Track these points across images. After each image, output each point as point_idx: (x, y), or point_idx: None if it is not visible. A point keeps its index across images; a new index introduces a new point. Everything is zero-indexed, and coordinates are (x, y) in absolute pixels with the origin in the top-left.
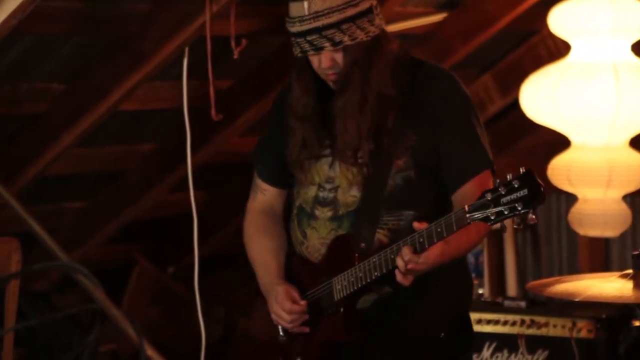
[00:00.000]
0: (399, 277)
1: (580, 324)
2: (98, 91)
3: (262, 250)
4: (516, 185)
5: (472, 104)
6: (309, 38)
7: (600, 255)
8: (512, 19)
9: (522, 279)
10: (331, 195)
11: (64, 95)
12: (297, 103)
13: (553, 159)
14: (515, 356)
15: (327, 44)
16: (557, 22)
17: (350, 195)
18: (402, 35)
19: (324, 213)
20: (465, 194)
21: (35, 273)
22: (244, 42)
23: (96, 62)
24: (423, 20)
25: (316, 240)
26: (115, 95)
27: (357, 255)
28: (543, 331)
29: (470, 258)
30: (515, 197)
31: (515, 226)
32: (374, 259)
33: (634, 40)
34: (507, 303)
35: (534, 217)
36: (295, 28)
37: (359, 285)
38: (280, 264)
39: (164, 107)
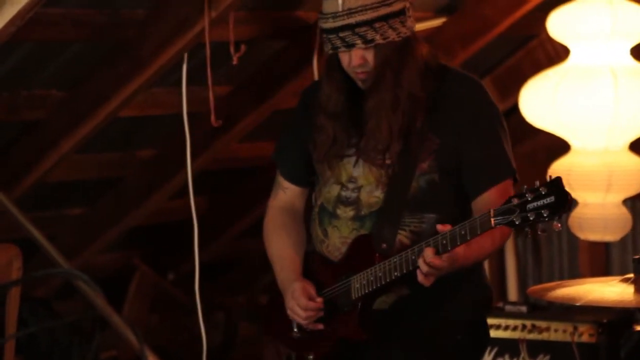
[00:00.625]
0: (420, 277)
1: (582, 328)
2: (97, 98)
3: (281, 246)
4: (543, 192)
5: (498, 111)
6: (341, 34)
7: (601, 260)
8: (510, 23)
9: (523, 284)
10: (354, 195)
11: (63, 102)
12: (327, 100)
13: (553, 163)
14: None
15: (359, 42)
16: (556, 26)
17: (374, 195)
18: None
19: (346, 212)
20: (486, 201)
21: (35, 280)
22: (242, 48)
23: (95, 69)
24: (422, 24)
25: (337, 240)
26: (115, 101)
27: (377, 255)
28: (544, 336)
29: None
30: (541, 203)
31: (539, 232)
32: (395, 259)
33: (633, 44)
34: (508, 308)
35: (559, 225)
36: (328, 24)
37: (378, 285)
38: (298, 260)
39: (163, 114)
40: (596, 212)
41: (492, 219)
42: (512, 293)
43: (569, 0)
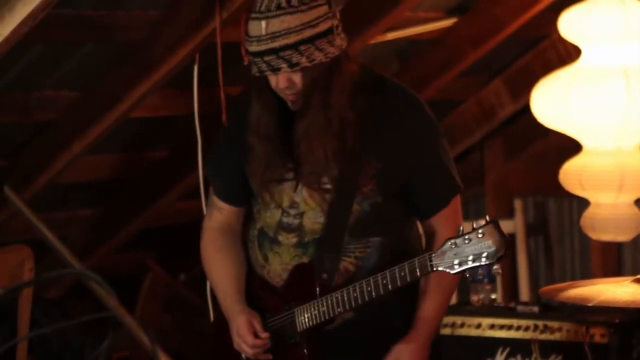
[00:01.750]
0: None
1: (594, 328)
2: (109, 98)
3: (222, 274)
4: (480, 236)
5: (436, 126)
6: (266, 58)
7: (613, 260)
8: (522, 23)
9: (534, 284)
10: (296, 221)
11: (75, 103)
12: (258, 122)
13: (565, 163)
14: None
15: (284, 65)
16: (567, 26)
17: (317, 222)
18: (412, 40)
19: (288, 239)
20: (436, 223)
21: (48, 281)
22: None
23: (107, 70)
24: (433, 25)
25: (278, 266)
26: (126, 102)
27: (318, 286)
28: (556, 336)
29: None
30: (479, 247)
31: (479, 277)
32: (337, 295)
33: None
34: (520, 308)
35: (498, 269)
36: (252, 47)
37: (322, 320)
38: (240, 289)
39: (174, 114)
40: (608, 212)
41: (431, 263)
42: (524, 293)
43: (581, 0)
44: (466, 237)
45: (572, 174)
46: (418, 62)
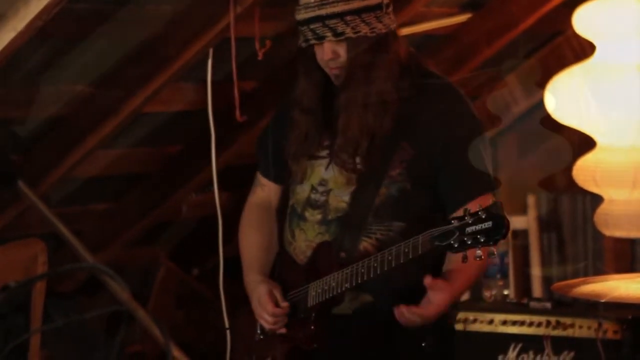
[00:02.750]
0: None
1: (606, 325)
2: (123, 93)
3: (250, 246)
4: (483, 217)
5: (479, 125)
6: (312, 26)
7: (626, 256)
8: (536, 19)
9: (547, 280)
10: (322, 198)
11: (89, 98)
12: (302, 95)
13: (579, 160)
14: (541, 357)
15: (329, 34)
16: (582, 22)
17: (342, 200)
18: (427, 35)
19: (313, 216)
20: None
21: (61, 275)
22: (268, 43)
23: (121, 64)
24: (447, 20)
25: (303, 243)
26: (140, 97)
27: (335, 264)
28: (569, 332)
29: (496, 259)
30: (479, 228)
31: (475, 258)
32: (347, 271)
33: None
34: (532, 304)
35: (494, 251)
36: (300, 15)
37: (331, 295)
38: (266, 261)
39: (188, 109)
40: (622, 208)
41: (432, 240)
42: (537, 289)
43: None
44: (468, 217)
45: (585, 171)
46: (432, 57)
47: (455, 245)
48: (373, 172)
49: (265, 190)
